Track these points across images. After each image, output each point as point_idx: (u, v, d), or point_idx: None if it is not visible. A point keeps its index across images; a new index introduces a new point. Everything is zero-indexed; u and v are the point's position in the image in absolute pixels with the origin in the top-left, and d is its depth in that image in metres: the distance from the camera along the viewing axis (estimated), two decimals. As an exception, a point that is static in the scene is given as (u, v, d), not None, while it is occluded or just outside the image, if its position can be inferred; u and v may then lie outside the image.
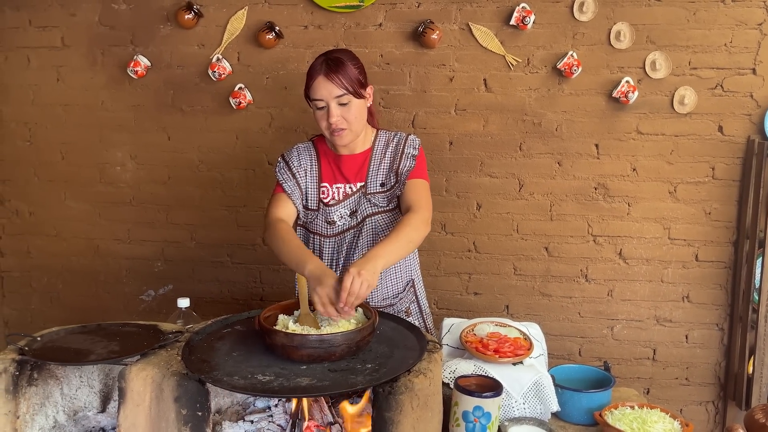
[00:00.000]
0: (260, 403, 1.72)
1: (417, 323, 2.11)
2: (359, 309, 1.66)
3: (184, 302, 1.85)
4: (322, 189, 1.96)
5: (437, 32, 2.61)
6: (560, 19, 2.59)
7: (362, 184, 1.95)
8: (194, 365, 1.44)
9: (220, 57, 2.74)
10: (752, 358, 2.54)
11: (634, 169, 2.65)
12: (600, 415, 1.70)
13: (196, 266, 2.96)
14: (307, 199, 1.97)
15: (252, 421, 1.65)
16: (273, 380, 1.38)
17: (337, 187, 1.96)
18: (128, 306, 2.99)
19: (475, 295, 2.79)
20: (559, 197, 2.70)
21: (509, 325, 1.91)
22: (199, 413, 1.40)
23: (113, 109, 2.88)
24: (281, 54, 2.74)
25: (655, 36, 2.55)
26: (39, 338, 1.60)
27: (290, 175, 1.97)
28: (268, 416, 1.68)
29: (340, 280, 1.57)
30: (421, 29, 2.61)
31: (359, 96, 1.84)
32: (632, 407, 1.73)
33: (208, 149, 2.86)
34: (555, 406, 1.71)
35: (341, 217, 1.96)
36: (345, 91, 1.81)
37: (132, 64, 2.77)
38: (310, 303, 1.63)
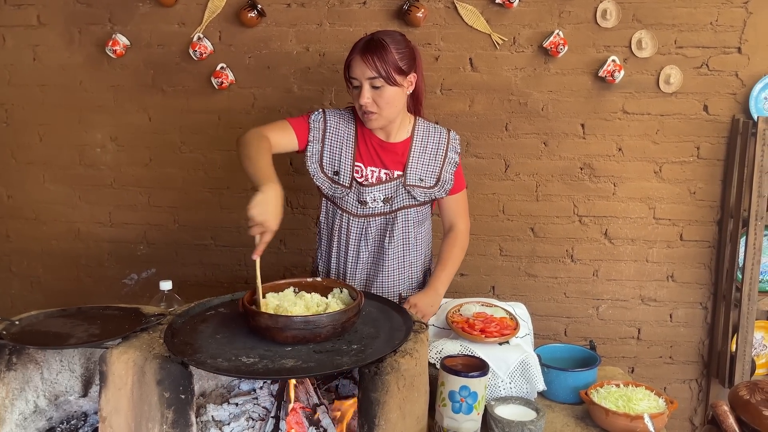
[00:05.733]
0: (245, 385, 1.70)
1: None
2: (344, 290, 1.65)
3: (166, 285, 1.81)
4: (356, 168, 1.93)
5: (422, 10, 2.57)
6: (546, -4, 2.56)
7: (400, 173, 1.94)
8: (177, 348, 1.42)
9: (201, 36, 2.68)
10: (735, 336, 2.57)
11: (619, 149, 2.64)
12: (586, 393, 1.70)
13: (180, 249, 2.92)
14: (337, 174, 1.93)
15: (237, 404, 1.64)
16: (257, 362, 1.37)
17: (371, 170, 1.94)
18: (111, 290, 2.94)
19: (462, 276, 2.78)
20: (545, 178, 2.69)
21: (495, 305, 1.91)
22: (183, 396, 1.38)
23: (92, 90, 2.81)
24: (264, 33, 2.69)
25: (641, 14, 2.53)
26: (17, 322, 1.57)
27: (320, 137, 1.92)
28: (253, 399, 1.66)
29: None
30: (405, 7, 2.57)
31: (393, 83, 1.82)
32: (618, 385, 1.74)
33: (190, 130, 2.81)
34: (541, 385, 1.71)
35: (374, 199, 1.94)
36: (377, 75, 1.80)
37: (110, 43, 2.70)
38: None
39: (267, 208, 1.53)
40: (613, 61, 2.53)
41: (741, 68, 2.53)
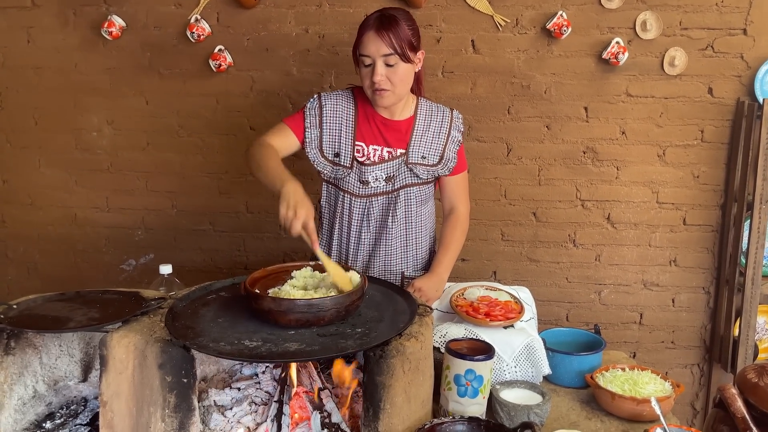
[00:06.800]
0: (247, 370, 1.68)
1: None
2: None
3: (166, 269, 1.79)
4: (357, 147, 1.91)
5: (424, -9, 2.53)
6: (550, -23, 2.52)
7: (403, 151, 1.92)
8: (178, 331, 1.39)
9: (199, 17, 2.64)
10: (738, 320, 2.56)
11: (623, 133, 2.61)
12: (591, 377, 1.69)
13: (178, 235, 2.89)
14: (338, 156, 1.91)
15: (239, 389, 1.62)
16: (260, 346, 1.34)
17: (373, 148, 1.91)
18: (108, 276, 2.91)
19: (463, 261, 2.76)
20: (548, 161, 2.66)
21: (499, 289, 1.89)
22: (185, 380, 1.35)
23: (87, 72, 2.77)
24: (262, 14, 2.65)
25: (646, -5, 2.49)
26: (15, 306, 1.54)
27: (317, 122, 1.91)
28: (256, 383, 1.64)
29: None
30: (407, -12, 2.53)
31: (407, 59, 1.81)
32: (623, 369, 1.73)
33: (188, 114, 2.77)
34: (546, 369, 1.70)
35: (376, 179, 1.92)
36: (393, 51, 1.77)
37: (106, 25, 2.65)
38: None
39: (291, 199, 1.55)
40: (617, 43, 2.50)
41: (746, 50, 2.50)
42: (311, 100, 1.94)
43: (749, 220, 2.49)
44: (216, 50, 2.65)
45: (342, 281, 1.53)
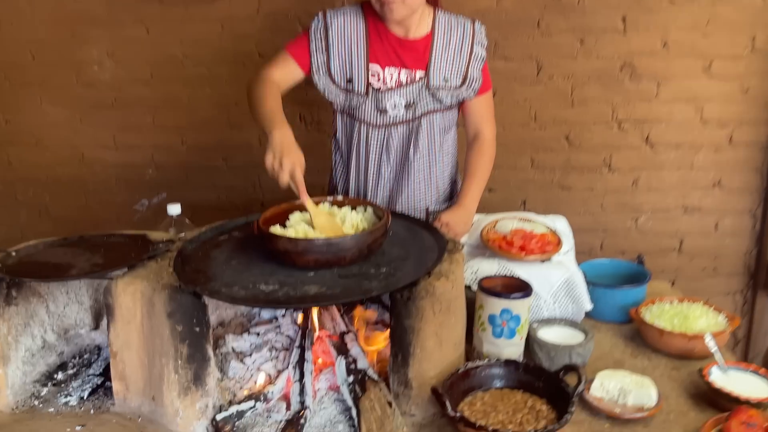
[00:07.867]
0: (266, 313, 1.59)
1: None
2: (368, 208, 1.49)
3: (174, 209, 1.66)
4: (371, 71, 1.72)
5: None
6: None
7: (422, 74, 1.72)
8: (188, 277, 1.28)
9: (197, -67, 2.42)
10: (787, 245, 2.40)
11: (664, 45, 2.38)
12: (636, 312, 1.56)
13: (190, 172, 2.76)
14: (351, 81, 1.73)
15: (258, 334, 1.52)
16: (278, 290, 1.23)
17: (390, 72, 1.72)
18: (121, 217, 2.82)
19: (490, 192, 2.60)
20: (581, 80, 2.45)
21: (533, 220, 1.74)
22: (197, 329, 1.25)
23: (83, 0, 2.57)
24: (265, -74, 2.42)
25: None
26: (14, 253, 1.44)
27: (323, 46, 1.72)
28: (276, 327, 1.55)
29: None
30: None
31: None
32: (671, 302, 1.60)
33: (192, 42, 2.58)
34: (588, 305, 1.57)
35: (394, 106, 1.74)
36: None
37: (98, -54, 2.45)
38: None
39: (277, 148, 1.42)
40: (661, -59, 2.24)
41: (807, -56, 2.23)
42: (315, 19, 1.73)
43: (804, 137, 2.29)
44: (217, -30, 2.44)
45: (330, 234, 1.40)
